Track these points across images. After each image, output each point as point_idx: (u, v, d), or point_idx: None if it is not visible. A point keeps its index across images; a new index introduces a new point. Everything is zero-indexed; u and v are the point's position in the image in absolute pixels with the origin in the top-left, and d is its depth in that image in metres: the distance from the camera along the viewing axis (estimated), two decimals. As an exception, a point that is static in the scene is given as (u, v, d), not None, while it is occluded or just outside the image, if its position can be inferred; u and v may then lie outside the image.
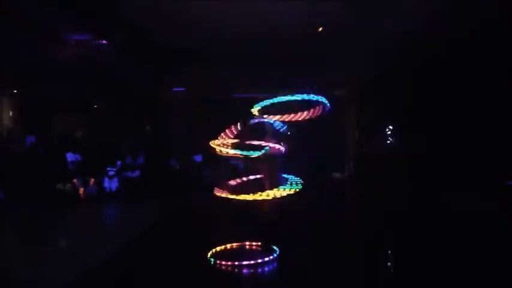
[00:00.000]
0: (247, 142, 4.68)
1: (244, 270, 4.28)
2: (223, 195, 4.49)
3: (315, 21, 7.56)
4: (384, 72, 10.54)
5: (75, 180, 9.21)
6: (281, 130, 4.86)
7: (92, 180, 9.45)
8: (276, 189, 4.44)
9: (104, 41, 7.54)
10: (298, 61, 9.77)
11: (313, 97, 4.44)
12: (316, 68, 10.46)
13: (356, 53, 9.26)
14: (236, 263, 4.33)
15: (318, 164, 11.85)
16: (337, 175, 12.95)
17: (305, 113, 4.72)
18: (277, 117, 4.70)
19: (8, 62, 9.35)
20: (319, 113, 4.72)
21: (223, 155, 4.78)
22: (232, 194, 4.46)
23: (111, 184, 9.73)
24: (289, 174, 4.74)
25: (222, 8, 6.70)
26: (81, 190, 9.14)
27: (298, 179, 4.57)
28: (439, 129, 9.09)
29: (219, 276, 4.20)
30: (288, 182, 4.51)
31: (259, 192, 4.35)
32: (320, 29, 8.00)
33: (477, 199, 7.20)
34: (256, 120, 4.73)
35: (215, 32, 7.84)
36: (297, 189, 4.43)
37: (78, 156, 9.92)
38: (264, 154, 4.92)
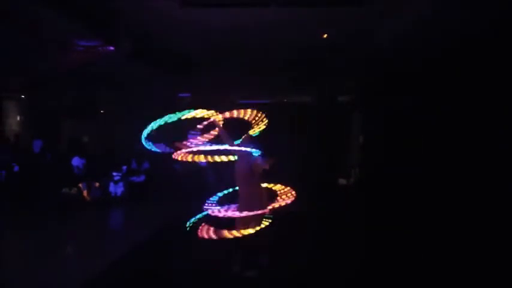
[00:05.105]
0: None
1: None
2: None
3: (319, 28, 7.59)
4: (388, 76, 10.51)
5: (80, 185, 9.24)
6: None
7: (97, 184, 9.49)
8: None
9: (112, 47, 7.60)
10: (303, 66, 9.80)
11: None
12: (321, 73, 10.49)
13: (360, 57, 9.26)
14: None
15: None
16: (342, 181, 12.88)
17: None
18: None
19: (16, 67, 9.46)
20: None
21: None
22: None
23: (116, 189, 9.76)
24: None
25: (227, 15, 6.76)
26: (85, 192, 9.15)
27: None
28: (446, 133, 8.98)
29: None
30: None
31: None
32: (325, 35, 8.02)
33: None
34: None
35: (221, 38, 7.90)
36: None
37: (84, 161, 9.97)
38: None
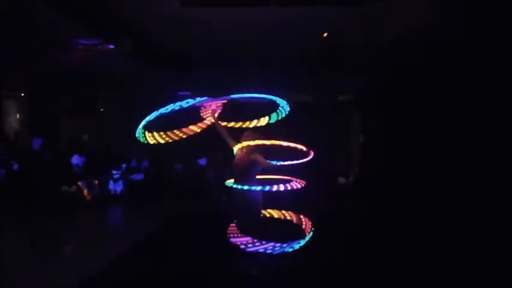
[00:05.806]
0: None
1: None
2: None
3: (319, 28, 7.59)
4: (387, 77, 10.51)
5: (80, 183, 9.23)
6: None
7: (97, 182, 9.48)
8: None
9: (111, 45, 7.60)
10: (304, 65, 9.81)
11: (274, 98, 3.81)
12: (321, 73, 10.49)
13: (360, 57, 9.26)
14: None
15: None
16: (342, 180, 12.87)
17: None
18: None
19: (15, 65, 9.46)
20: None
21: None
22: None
23: (115, 187, 9.75)
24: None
25: (227, 15, 6.75)
26: (85, 191, 9.14)
27: None
28: (446, 133, 8.98)
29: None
30: None
31: None
32: (325, 34, 8.02)
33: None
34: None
35: (221, 38, 7.89)
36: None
37: (83, 159, 9.97)
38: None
